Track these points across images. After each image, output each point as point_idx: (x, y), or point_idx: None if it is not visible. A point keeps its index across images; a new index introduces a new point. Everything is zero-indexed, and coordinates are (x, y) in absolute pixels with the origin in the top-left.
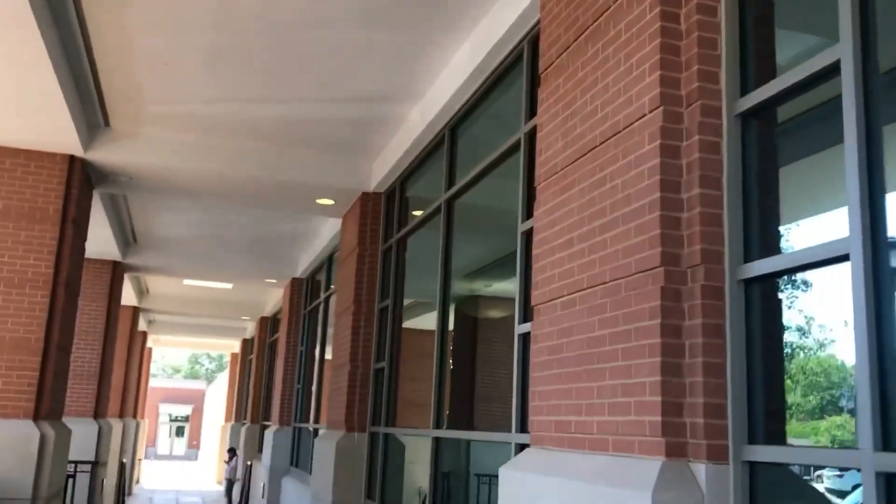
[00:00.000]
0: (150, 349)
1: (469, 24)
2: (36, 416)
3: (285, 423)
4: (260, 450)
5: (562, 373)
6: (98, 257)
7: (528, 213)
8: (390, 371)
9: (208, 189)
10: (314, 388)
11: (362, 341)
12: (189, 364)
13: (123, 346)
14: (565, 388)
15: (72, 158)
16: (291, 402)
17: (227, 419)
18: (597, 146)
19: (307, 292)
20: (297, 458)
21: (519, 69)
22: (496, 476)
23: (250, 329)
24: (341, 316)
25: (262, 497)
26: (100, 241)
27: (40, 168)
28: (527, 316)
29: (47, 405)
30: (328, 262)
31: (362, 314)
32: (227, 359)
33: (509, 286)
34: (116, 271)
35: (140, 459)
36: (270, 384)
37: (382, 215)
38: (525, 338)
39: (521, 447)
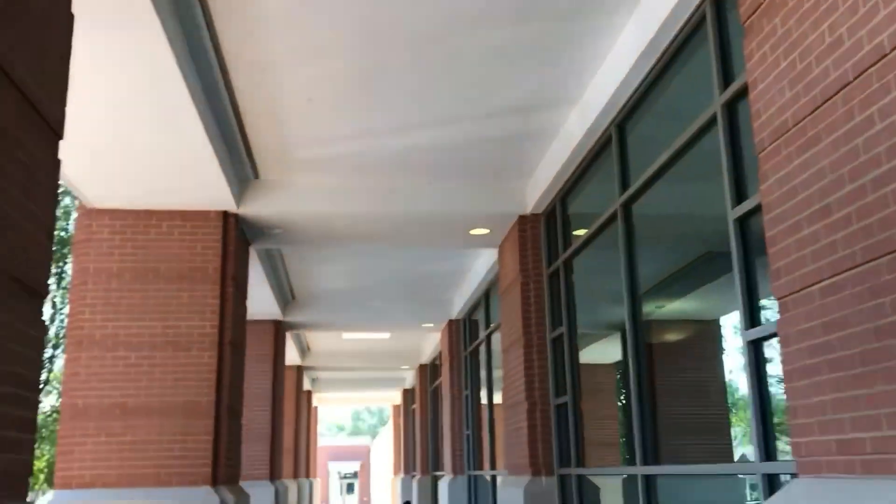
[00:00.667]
0: (316, 408)
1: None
2: (214, 482)
3: (459, 472)
4: (434, 502)
5: (838, 378)
6: (260, 318)
7: (739, 196)
8: (574, 405)
9: (360, 232)
10: (487, 432)
11: (537, 376)
12: (352, 421)
13: (291, 406)
14: (847, 397)
15: (225, 215)
16: (463, 450)
17: (396, 472)
18: (850, 83)
19: (466, 333)
20: None
21: (700, 36)
22: None
23: (410, 379)
24: (510, 351)
25: None
26: (261, 301)
27: (196, 227)
28: (754, 318)
29: (224, 470)
30: (485, 299)
31: (534, 346)
32: (389, 412)
33: (685, 306)
34: (279, 330)
35: None
36: (437, 432)
37: (543, 238)
38: (756, 345)
39: (770, 478)
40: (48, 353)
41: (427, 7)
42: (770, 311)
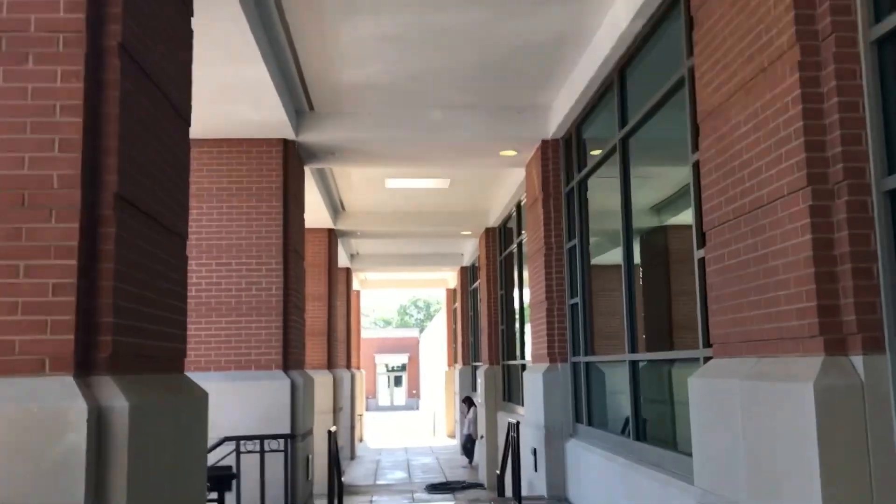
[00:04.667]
0: (358, 292)
1: None
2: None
3: (559, 360)
4: (507, 398)
5: None
6: (262, 136)
7: None
8: None
9: None
10: (624, 300)
11: (845, 136)
12: (399, 315)
13: (321, 277)
14: None
15: None
16: (563, 331)
17: (450, 363)
18: None
19: (570, 157)
20: (589, 412)
21: None
22: None
23: (469, 253)
24: (714, 117)
25: (535, 469)
26: (261, 104)
27: None
28: None
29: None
30: (619, 82)
31: (820, 66)
32: (437, 306)
33: None
34: (289, 152)
35: (361, 415)
36: (511, 312)
37: None
38: None
39: None
40: None
41: None
42: None
